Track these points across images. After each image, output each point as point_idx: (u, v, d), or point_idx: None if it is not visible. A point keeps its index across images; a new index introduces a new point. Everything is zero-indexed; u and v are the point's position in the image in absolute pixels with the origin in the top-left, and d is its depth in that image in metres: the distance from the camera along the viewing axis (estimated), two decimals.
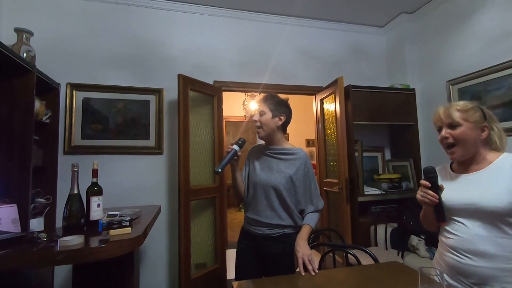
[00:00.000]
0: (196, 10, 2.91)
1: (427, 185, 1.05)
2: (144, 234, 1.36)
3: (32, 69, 1.82)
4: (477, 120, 1.06)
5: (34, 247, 1.14)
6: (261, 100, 1.52)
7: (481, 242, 1.00)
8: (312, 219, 1.45)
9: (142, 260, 2.57)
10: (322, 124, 3.17)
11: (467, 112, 1.07)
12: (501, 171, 1.02)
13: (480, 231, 1.01)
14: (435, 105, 2.89)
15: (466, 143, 1.06)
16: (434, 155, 2.87)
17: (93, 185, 1.49)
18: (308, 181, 1.47)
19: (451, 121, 1.08)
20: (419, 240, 2.45)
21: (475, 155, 1.09)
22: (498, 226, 0.99)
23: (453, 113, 1.08)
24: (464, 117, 1.06)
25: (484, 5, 2.45)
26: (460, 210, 1.06)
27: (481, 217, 1.01)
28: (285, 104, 1.53)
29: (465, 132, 1.06)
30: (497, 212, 0.97)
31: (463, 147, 1.07)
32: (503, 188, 0.99)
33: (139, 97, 2.68)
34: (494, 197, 0.98)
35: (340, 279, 1.20)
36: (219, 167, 1.36)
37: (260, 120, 1.47)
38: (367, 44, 3.45)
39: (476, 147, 1.08)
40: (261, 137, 1.52)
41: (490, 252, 0.98)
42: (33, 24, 2.31)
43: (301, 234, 1.39)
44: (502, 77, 2.28)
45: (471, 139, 1.06)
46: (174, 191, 2.61)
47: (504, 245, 0.97)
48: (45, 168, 2.25)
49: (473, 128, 1.06)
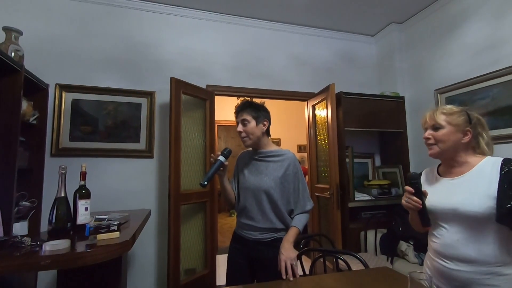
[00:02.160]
0: (190, 14, 2.91)
1: (411, 191, 1.07)
2: (132, 239, 1.34)
3: (20, 68, 1.78)
4: (460, 124, 1.10)
5: (17, 252, 1.11)
6: (239, 110, 1.49)
7: (462, 247, 1.02)
8: (300, 221, 1.44)
9: (130, 265, 2.51)
10: (313, 129, 3.20)
11: (452, 115, 1.11)
12: (482, 175, 1.05)
13: (461, 236, 1.04)
14: (423, 113, 2.95)
15: (446, 144, 1.10)
16: (423, 162, 2.92)
17: (81, 188, 1.46)
18: (297, 182, 1.47)
19: (435, 123, 1.13)
20: (408, 246, 2.48)
21: (456, 157, 1.12)
22: (478, 230, 1.01)
23: (438, 115, 1.13)
24: (448, 120, 1.11)
25: (471, 17, 2.54)
26: (443, 215, 1.09)
27: (462, 222, 1.04)
28: (263, 108, 1.52)
29: (446, 134, 1.10)
30: (476, 217, 0.99)
31: (441, 148, 1.11)
32: (482, 192, 1.01)
33: (130, 99, 2.66)
34: (473, 202, 1.01)
35: (331, 284, 1.20)
36: (204, 180, 1.31)
37: (245, 130, 1.46)
38: (358, 52, 3.51)
39: (456, 150, 1.11)
40: (248, 145, 1.51)
41: (471, 256, 1.01)
42: (22, 23, 2.26)
43: (288, 236, 1.39)
44: (487, 87, 2.36)
45: (451, 141, 1.10)
46: (164, 195, 2.58)
47: (484, 250, 1.00)
48: (31, 170, 2.19)
49: (455, 132, 1.10)
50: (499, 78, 2.27)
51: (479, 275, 1.00)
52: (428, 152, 1.17)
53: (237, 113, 1.50)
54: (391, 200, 2.96)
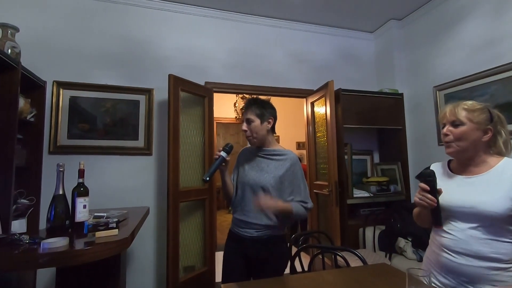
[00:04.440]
0: (189, 11, 2.89)
1: (426, 189, 1.04)
2: (131, 236, 1.33)
3: (17, 65, 1.77)
4: (482, 121, 1.05)
5: (15, 250, 1.10)
6: (244, 108, 1.49)
7: (476, 243, 1.01)
8: (297, 206, 1.41)
9: (129, 262, 2.52)
10: (312, 127, 3.19)
11: (474, 112, 1.06)
12: (502, 176, 1.02)
13: (476, 233, 1.02)
14: (422, 109, 2.96)
15: (465, 143, 1.05)
16: (421, 159, 2.93)
17: (79, 185, 1.45)
18: (297, 182, 1.47)
19: (455, 119, 1.07)
20: (406, 242, 2.49)
21: (474, 157, 1.08)
22: (494, 229, 1.00)
23: (459, 111, 1.07)
24: (469, 117, 1.05)
25: (470, 14, 2.53)
26: (458, 212, 1.06)
27: (478, 220, 1.02)
28: (269, 105, 1.51)
29: (466, 132, 1.05)
30: (495, 217, 0.98)
31: (460, 146, 1.07)
32: (502, 193, 0.99)
33: (129, 96, 2.64)
34: (493, 203, 0.99)
35: (329, 281, 1.21)
36: (207, 175, 1.34)
37: (250, 128, 1.46)
38: (357, 49, 3.50)
39: (475, 149, 1.07)
40: (255, 145, 1.51)
41: (484, 253, 1.00)
42: (19, 19, 2.24)
43: (279, 201, 1.37)
44: (486, 83, 2.36)
45: (472, 140, 1.05)
46: (163, 193, 2.57)
47: (498, 248, 0.99)
48: (29, 168, 2.18)
49: (475, 129, 1.05)
50: (498, 74, 2.27)
51: (488, 270, 0.99)
52: (445, 150, 1.11)
53: (243, 111, 1.51)
54: (390, 197, 2.97)
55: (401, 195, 3.00)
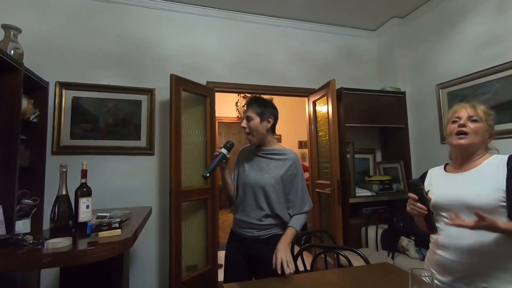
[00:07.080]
0: (190, 10, 2.89)
1: (415, 198, 1.08)
2: (134, 236, 1.34)
3: (20, 66, 1.78)
4: (492, 125, 1.15)
5: (19, 250, 1.11)
6: (246, 105, 1.50)
7: (467, 238, 1.04)
8: (298, 221, 1.44)
9: (132, 262, 2.53)
10: (314, 125, 3.19)
11: (489, 115, 1.15)
12: (490, 169, 1.08)
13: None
14: (425, 108, 2.95)
15: (477, 139, 1.12)
16: (424, 157, 2.92)
17: (82, 186, 1.46)
18: (297, 182, 1.46)
19: (474, 115, 1.13)
20: (409, 241, 2.48)
21: (474, 155, 1.15)
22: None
23: (478, 110, 1.15)
24: (485, 118, 1.14)
25: (472, 11, 2.51)
26: (449, 207, 1.11)
27: (468, 214, 1.04)
28: (270, 105, 1.51)
29: (481, 129, 1.12)
30: (484, 209, 1.00)
31: (473, 140, 1.12)
32: (489, 185, 1.04)
33: (131, 97, 2.65)
34: (481, 194, 1.04)
35: (332, 280, 1.21)
36: (206, 172, 1.35)
37: (249, 125, 1.46)
38: (359, 47, 3.49)
39: (479, 147, 1.14)
40: (253, 143, 1.51)
41: (476, 248, 1.02)
42: (21, 20, 2.25)
43: (285, 237, 1.39)
44: (489, 81, 2.34)
45: (481, 138, 1.12)
46: (165, 192, 2.58)
47: (489, 242, 1.01)
48: (32, 168, 2.19)
49: (486, 130, 1.13)
50: (501, 72, 2.25)
51: (483, 267, 1.01)
52: (456, 142, 1.14)
53: (244, 109, 1.52)
54: (392, 195, 2.96)
55: (404, 193, 2.99)
